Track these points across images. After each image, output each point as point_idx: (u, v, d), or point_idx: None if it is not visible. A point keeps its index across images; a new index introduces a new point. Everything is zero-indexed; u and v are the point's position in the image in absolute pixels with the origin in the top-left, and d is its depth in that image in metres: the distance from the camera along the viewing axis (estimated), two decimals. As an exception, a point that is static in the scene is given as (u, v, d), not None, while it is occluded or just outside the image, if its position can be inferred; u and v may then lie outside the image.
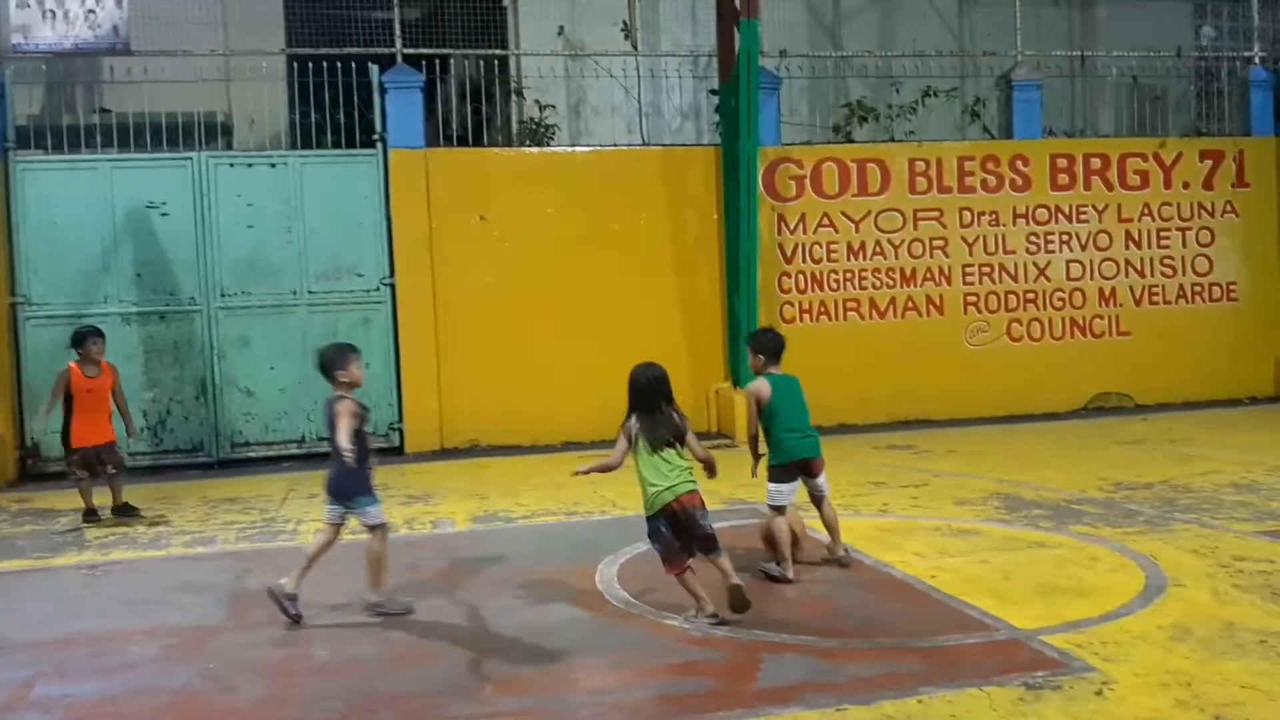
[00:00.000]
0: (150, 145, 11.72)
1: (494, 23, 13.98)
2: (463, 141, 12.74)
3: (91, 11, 11.72)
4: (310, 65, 11.92)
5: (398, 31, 12.27)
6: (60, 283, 11.41)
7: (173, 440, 11.65)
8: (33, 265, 11.36)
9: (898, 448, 11.33)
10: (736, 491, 8.45)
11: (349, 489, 5.97)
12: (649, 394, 5.66)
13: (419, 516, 8.72)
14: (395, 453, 11.87)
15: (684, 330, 12.58)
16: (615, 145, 13.05)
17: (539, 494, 9.36)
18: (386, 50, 12.20)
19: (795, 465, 6.49)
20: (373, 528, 6.01)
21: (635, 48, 13.53)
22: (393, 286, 11.98)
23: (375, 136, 11.98)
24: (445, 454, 11.84)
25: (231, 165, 11.80)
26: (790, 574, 6.30)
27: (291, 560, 6.27)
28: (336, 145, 12.11)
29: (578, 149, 12.99)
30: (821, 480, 6.61)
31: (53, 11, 11.66)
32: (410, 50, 12.31)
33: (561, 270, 12.22)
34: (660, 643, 5.37)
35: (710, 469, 5.80)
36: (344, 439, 5.77)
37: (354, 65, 11.91)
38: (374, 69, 11.97)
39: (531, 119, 13.36)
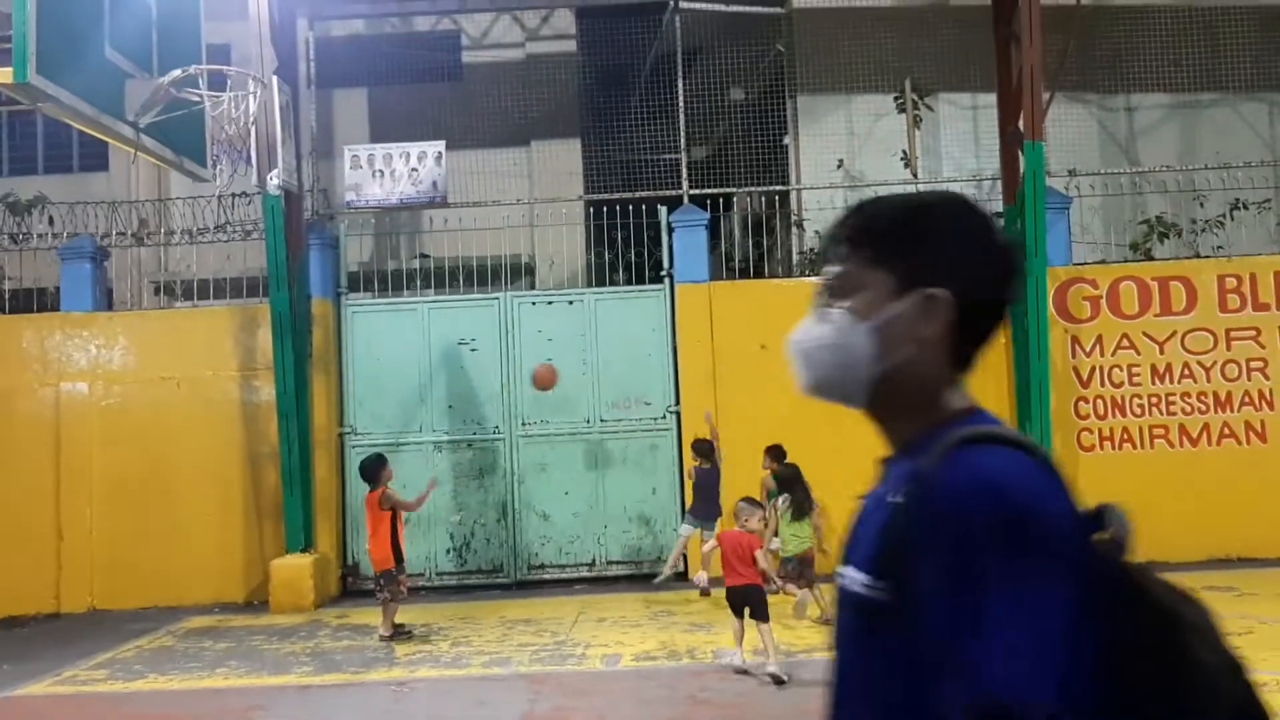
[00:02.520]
0: (463, 287, 12.83)
1: (775, 159, 14.48)
2: (744, 273, 13.12)
3: (414, 170, 13.05)
4: (605, 209, 12.77)
5: (684, 174, 12.97)
6: (381, 414, 12.52)
7: (475, 561, 12.37)
8: (359, 398, 12.56)
9: (1217, 589, 10.34)
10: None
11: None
12: (796, 482, 9.64)
13: (701, 645, 8.80)
14: (679, 579, 12.05)
15: (972, 458, 12.15)
16: (897, 271, 13.01)
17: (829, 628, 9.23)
18: (674, 192, 12.91)
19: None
20: None
21: (915, 175, 13.58)
22: (678, 414, 12.36)
23: (663, 272, 12.57)
24: (729, 581, 11.87)
25: (534, 303, 12.68)
26: None
27: (581, 683, 6.49)
28: (628, 282, 12.82)
29: (859, 277, 13.03)
30: None
31: (381, 171, 13.07)
32: (696, 191, 12.94)
33: (843, 398, 12.16)
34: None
35: (820, 540, 9.54)
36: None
37: (644, 207, 12.64)
38: (662, 210, 12.62)
39: (811, 249, 13.61)
